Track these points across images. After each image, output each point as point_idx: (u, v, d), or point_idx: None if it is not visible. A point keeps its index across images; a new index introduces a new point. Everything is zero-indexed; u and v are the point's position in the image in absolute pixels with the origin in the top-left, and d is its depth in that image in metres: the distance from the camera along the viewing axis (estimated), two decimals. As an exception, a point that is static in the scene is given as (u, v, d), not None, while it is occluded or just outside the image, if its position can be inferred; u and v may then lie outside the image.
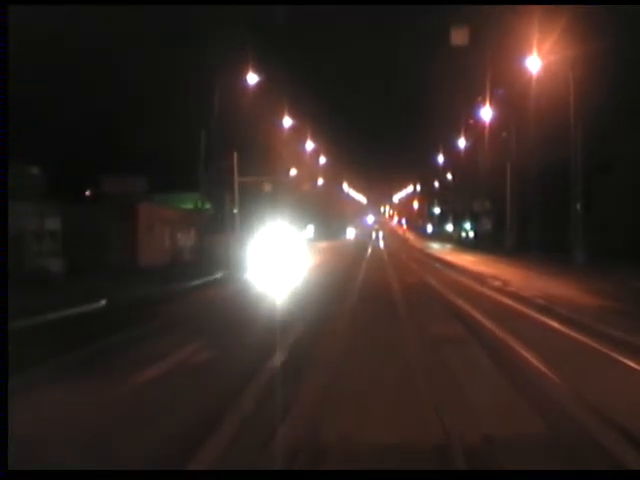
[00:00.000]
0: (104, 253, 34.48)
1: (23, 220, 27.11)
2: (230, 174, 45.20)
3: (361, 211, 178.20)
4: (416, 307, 19.55)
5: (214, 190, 45.20)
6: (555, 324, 15.56)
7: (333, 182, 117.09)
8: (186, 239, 46.06)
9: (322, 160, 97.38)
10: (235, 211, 46.60)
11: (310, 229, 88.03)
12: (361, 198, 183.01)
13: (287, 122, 64.66)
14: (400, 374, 10.62)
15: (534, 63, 40.78)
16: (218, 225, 45.93)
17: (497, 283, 25.81)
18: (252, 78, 48.29)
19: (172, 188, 47.28)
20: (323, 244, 78.85)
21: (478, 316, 17.12)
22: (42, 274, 26.31)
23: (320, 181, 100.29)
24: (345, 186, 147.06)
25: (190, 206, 47.46)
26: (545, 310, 17.72)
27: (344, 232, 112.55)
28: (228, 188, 45.64)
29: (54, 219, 31.06)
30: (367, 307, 19.63)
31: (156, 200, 43.83)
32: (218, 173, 44.71)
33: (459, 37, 36.95)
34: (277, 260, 37.58)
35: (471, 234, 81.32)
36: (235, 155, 45.03)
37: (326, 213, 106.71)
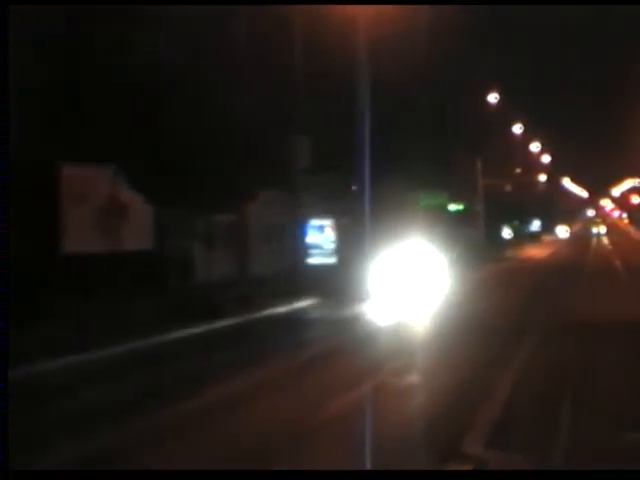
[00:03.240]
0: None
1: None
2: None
3: (582, 205, 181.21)
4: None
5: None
6: None
7: (556, 178, 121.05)
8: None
9: (545, 159, 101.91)
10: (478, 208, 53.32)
11: (536, 224, 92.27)
12: (581, 192, 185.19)
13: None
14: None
15: None
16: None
17: None
18: (492, 93, 54.81)
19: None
20: (548, 238, 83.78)
21: None
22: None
23: (543, 178, 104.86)
24: (566, 181, 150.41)
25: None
26: None
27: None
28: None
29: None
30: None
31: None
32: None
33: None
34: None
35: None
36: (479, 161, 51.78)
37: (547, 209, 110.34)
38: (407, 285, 20.62)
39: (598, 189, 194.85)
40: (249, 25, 23.24)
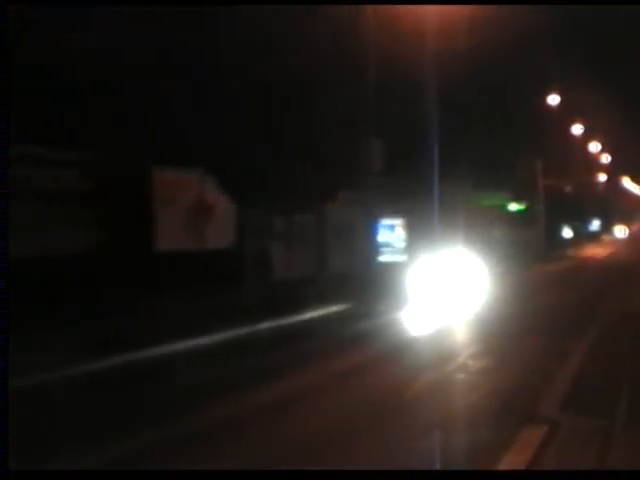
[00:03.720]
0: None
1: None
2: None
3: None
4: None
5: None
6: None
7: (615, 178, 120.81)
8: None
9: (605, 158, 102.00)
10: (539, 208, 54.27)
11: (596, 224, 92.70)
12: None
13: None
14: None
15: None
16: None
17: None
18: (551, 93, 55.65)
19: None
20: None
21: None
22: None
23: (603, 178, 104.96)
24: (626, 181, 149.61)
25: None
26: None
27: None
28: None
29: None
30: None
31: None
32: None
33: None
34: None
35: None
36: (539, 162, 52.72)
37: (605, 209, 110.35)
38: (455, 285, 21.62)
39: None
40: (326, 30, 24.55)
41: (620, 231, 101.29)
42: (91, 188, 19.89)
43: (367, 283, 21.52)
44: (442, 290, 21.09)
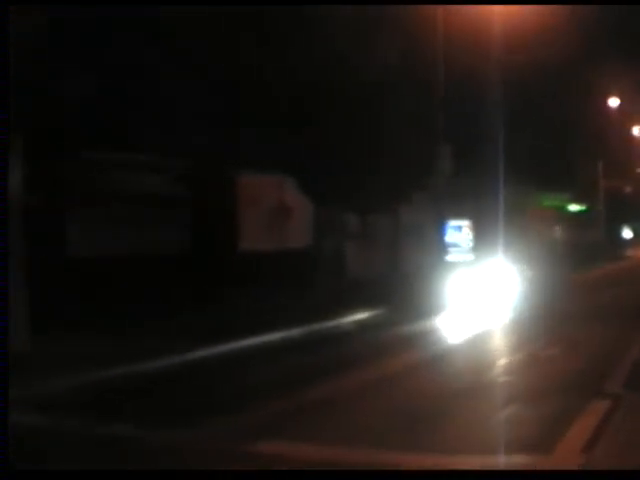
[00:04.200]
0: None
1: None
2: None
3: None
4: None
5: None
6: None
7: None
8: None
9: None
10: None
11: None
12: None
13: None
14: None
15: None
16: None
17: None
18: (612, 94, 56.35)
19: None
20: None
21: None
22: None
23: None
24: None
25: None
26: None
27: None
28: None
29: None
30: None
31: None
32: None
33: None
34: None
35: None
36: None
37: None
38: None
39: None
40: (396, 37, 25.84)
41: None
42: (184, 192, 21.60)
43: (436, 282, 22.83)
44: (509, 287, 22.52)
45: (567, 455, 7.79)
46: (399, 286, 23.48)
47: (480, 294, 22.00)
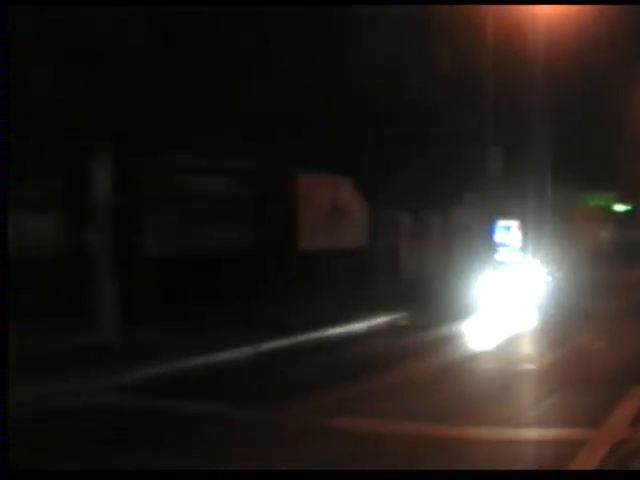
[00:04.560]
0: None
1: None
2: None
3: None
4: None
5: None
6: None
7: None
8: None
9: None
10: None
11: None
12: None
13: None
14: None
15: None
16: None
17: None
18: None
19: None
20: None
21: None
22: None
23: None
24: None
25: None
26: None
27: None
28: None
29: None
30: None
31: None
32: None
33: None
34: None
35: None
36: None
37: None
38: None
39: None
40: (446, 44, 26.83)
41: None
42: (247, 193, 22.78)
43: (485, 281, 23.78)
44: (557, 285, 23.55)
45: (615, 429, 8.94)
46: (450, 285, 24.46)
47: (528, 292, 23.03)
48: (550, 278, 24.88)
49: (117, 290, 15.90)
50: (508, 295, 22.95)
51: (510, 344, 16.81)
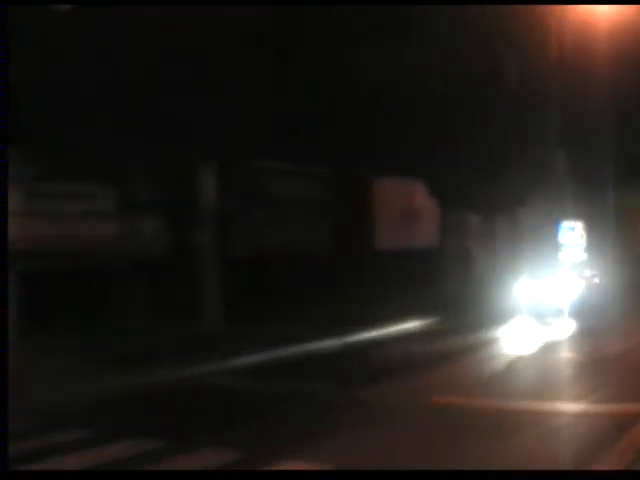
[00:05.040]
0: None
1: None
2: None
3: None
4: None
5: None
6: None
7: None
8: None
9: None
10: None
11: None
12: None
13: None
14: None
15: None
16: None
17: None
18: None
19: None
20: None
21: None
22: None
23: None
24: None
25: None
26: None
27: None
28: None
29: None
30: None
31: None
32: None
33: None
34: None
35: None
36: None
37: None
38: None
39: None
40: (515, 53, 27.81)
41: None
42: (328, 196, 24.32)
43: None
44: (617, 285, 24.55)
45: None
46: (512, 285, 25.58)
47: (592, 292, 24.11)
48: (597, 281, 25.55)
49: (221, 286, 17.61)
50: (583, 292, 23.94)
51: (578, 338, 18.18)
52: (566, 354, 16.06)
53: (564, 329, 19.50)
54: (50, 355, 13.25)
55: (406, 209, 26.89)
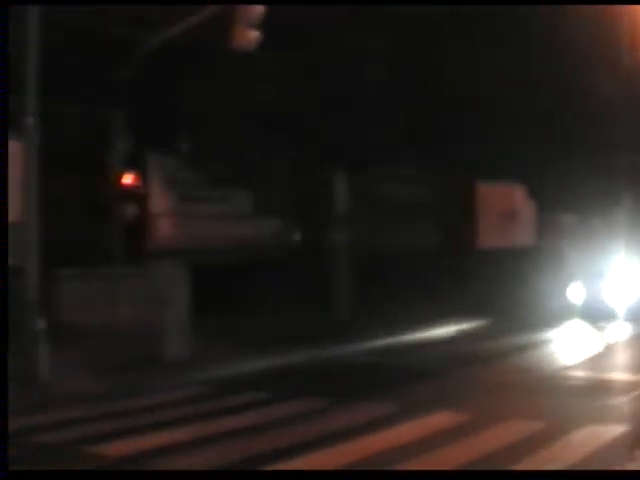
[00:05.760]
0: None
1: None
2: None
3: None
4: None
5: None
6: None
7: None
8: None
9: None
10: None
11: None
12: None
13: None
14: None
15: None
16: None
17: None
18: None
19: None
20: None
21: None
22: None
23: None
24: None
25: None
26: None
27: None
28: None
29: None
30: None
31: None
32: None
33: None
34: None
35: None
36: None
37: None
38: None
39: None
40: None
41: None
42: (434, 199, 26.45)
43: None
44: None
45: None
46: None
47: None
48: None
49: (350, 280, 20.09)
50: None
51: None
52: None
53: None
54: (216, 338, 15.70)
55: (506, 210, 28.76)
